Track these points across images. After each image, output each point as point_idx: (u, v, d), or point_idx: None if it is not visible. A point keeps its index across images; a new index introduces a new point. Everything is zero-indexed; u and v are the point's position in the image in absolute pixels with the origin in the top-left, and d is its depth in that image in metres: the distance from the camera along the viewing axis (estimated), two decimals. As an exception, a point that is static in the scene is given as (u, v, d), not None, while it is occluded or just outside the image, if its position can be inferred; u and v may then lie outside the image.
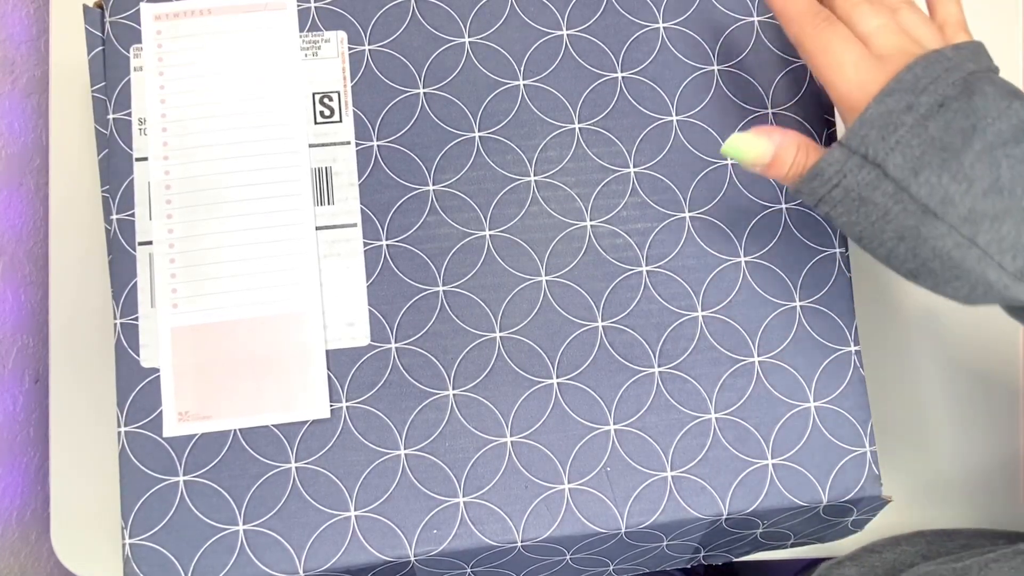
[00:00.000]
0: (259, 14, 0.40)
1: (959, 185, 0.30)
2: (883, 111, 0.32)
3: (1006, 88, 0.32)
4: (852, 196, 0.32)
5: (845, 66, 0.33)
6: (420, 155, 0.39)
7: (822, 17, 0.34)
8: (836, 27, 0.34)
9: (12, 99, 0.45)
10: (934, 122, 0.31)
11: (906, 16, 0.35)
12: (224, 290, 0.38)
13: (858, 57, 0.33)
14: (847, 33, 0.34)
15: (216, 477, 0.37)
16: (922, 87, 0.31)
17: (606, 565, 0.41)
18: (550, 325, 0.39)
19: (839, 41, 0.34)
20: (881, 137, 0.31)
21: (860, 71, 0.33)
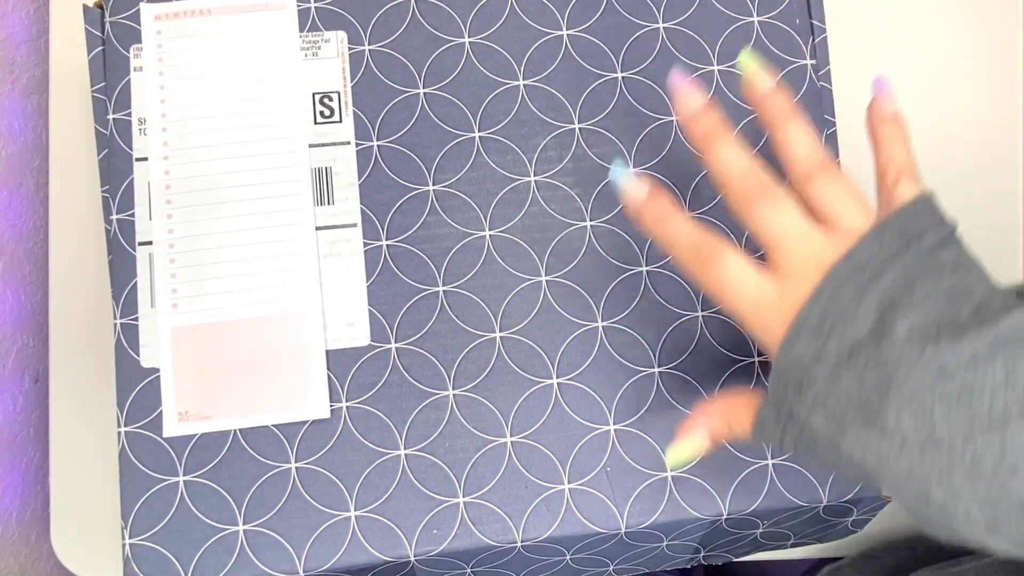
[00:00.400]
0: (259, 14, 0.40)
1: (890, 444, 0.27)
2: (792, 362, 0.28)
3: (926, 316, 0.27)
4: (801, 440, 0.29)
5: (745, 307, 0.30)
6: (420, 155, 0.40)
7: (707, 249, 0.31)
8: (724, 258, 0.30)
9: (12, 99, 0.45)
10: (847, 373, 0.27)
11: (823, 187, 0.31)
12: (224, 290, 0.38)
13: (756, 292, 0.30)
14: (737, 263, 0.30)
15: (216, 477, 0.37)
16: (828, 328, 0.28)
17: (606, 565, 0.41)
18: (550, 325, 0.39)
19: (732, 276, 0.30)
20: (797, 393, 0.28)
21: (761, 306, 0.30)
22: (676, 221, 0.32)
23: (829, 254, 0.29)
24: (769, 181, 0.31)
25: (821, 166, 0.31)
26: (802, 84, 0.41)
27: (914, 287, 0.28)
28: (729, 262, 0.30)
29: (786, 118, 0.32)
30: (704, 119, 0.32)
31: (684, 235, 0.31)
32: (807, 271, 0.29)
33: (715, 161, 0.32)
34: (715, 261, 0.30)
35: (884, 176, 0.32)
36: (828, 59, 0.42)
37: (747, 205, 0.31)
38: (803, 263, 0.29)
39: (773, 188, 0.31)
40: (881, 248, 0.29)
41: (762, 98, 0.32)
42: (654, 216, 0.32)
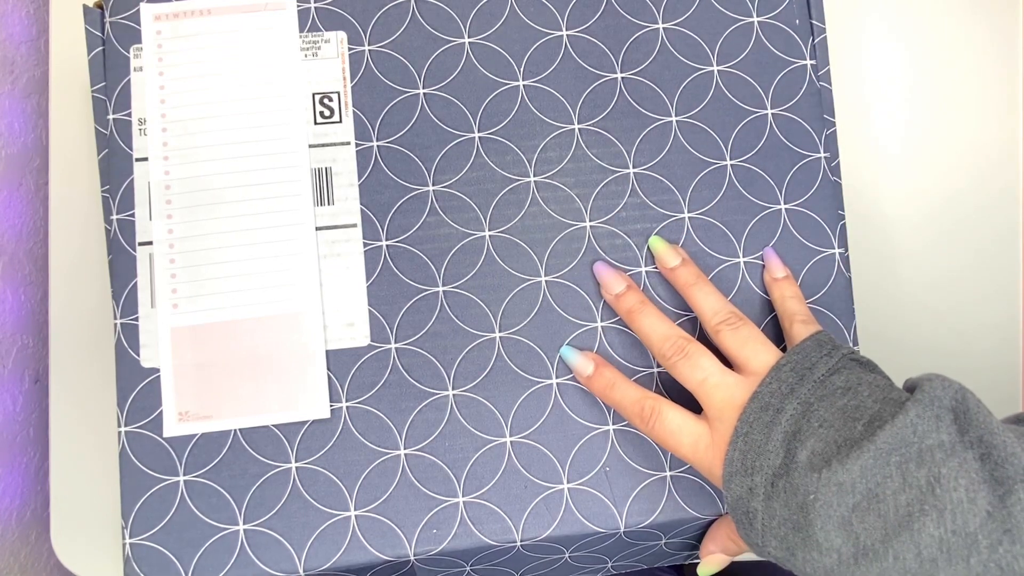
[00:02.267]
0: (259, 14, 0.40)
1: (830, 558, 0.30)
2: (735, 500, 0.33)
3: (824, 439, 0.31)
4: (775, 559, 0.33)
5: (687, 452, 0.35)
6: (420, 155, 0.40)
7: (648, 408, 0.36)
8: (663, 414, 0.35)
9: (12, 99, 0.45)
10: (776, 501, 0.31)
11: (728, 339, 0.36)
12: (224, 290, 0.38)
13: (694, 438, 0.35)
14: (674, 417, 0.35)
15: (216, 477, 0.37)
16: (751, 465, 0.32)
17: (604, 562, 0.41)
18: (550, 325, 0.39)
19: (671, 428, 0.35)
20: (749, 525, 0.33)
21: (699, 451, 0.35)
22: (620, 387, 0.37)
23: (741, 395, 0.34)
24: (685, 341, 0.36)
25: (726, 321, 0.36)
26: (802, 84, 0.41)
27: (811, 415, 0.32)
28: (667, 417, 0.35)
29: (694, 284, 0.37)
30: (626, 298, 0.38)
31: (628, 398, 0.36)
32: (727, 413, 0.34)
33: (640, 329, 0.37)
34: (656, 418, 0.36)
35: (782, 323, 0.38)
36: (828, 59, 0.42)
37: (671, 363, 0.36)
38: (722, 406, 0.34)
39: (690, 347, 0.36)
40: (780, 385, 0.33)
41: (672, 271, 0.38)
42: (602, 385, 0.37)
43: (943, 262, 0.48)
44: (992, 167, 0.48)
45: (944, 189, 0.48)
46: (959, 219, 0.48)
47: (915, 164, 0.48)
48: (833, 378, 0.33)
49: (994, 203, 0.48)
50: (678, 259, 0.38)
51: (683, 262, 0.38)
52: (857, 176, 0.47)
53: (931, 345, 0.47)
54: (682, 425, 0.35)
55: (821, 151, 0.41)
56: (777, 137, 0.41)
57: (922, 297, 0.47)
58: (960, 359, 0.47)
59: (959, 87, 0.49)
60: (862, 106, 0.48)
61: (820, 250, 0.40)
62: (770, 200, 0.40)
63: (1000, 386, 0.48)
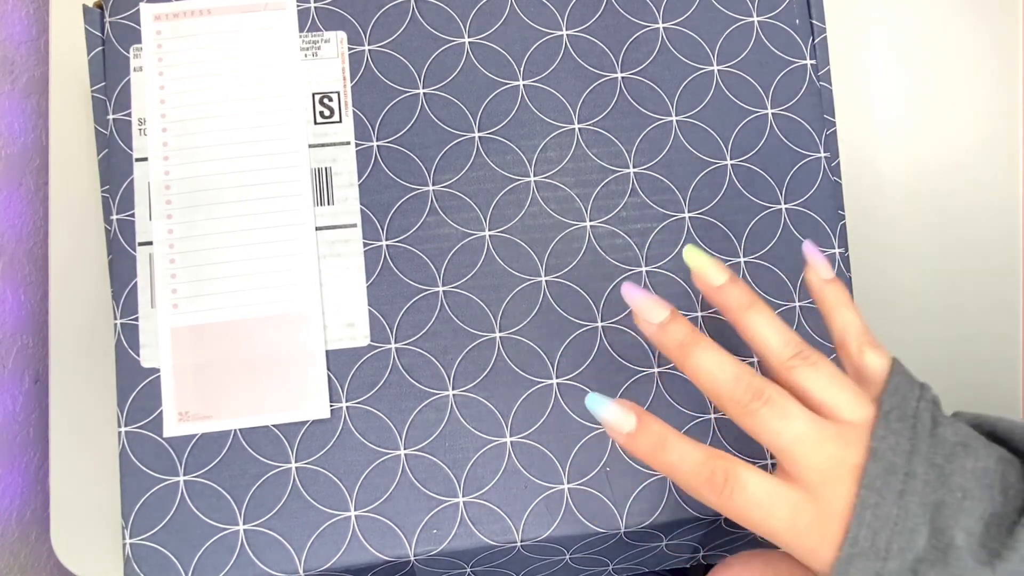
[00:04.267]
0: (259, 14, 0.40)
1: None
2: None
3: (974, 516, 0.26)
4: None
5: (781, 529, 0.27)
6: (420, 155, 0.40)
7: (721, 474, 0.28)
8: (743, 480, 0.28)
9: (12, 99, 0.45)
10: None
11: (809, 380, 0.29)
12: (224, 290, 0.38)
13: (791, 511, 0.27)
14: (758, 483, 0.28)
15: (216, 477, 0.37)
16: (884, 548, 0.26)
17: (605, 564, 0.41)
18: (550, 325, 0.39)
19: (757, 499, 0.28)
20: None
21: (799, 527, 0.27)
22: (676, 447, 0.29)
23: (851, 455, 0.27)
24: (763, 383, 0.29)
25: (801, 354, 0.29)
26: (802, 84, 0.41)
27: (948, 481, 0.27)
28: (750, 484, 0.28)
29: (750, 308, 0.30)
30: (673, 330, 0.30)
31: (690, 461, 0.28)
32: (836, 478, 0.27)
33: (698, 371, 0.29)
34: (735, 486, 0.28)
35: (845, 346, 0.31)
36: (828, 59, 0.42)
37: (748, 413, 0.28)
38: (827, 470, 0.27)
39: (770, 391, 0.28)
40: (897, 440, 0.27)
41: (718, 291, 0.31)
42: (651, 445, 0.29)
43: (943, 262, 0.48)
44: (992, 167, 0.48)
45: (944, 188, 0.48)
46: (959, 219, 0.48)
47: (915, 164, 0.48)
48: (942, 431, 0.28)
49: (994, 203, 0.48)
50: (725, 275, 0.31)
51: (731, 279, 0.31)
52: (857, 176, 0.47)
53: (931, 345, 0.47)
54: (772, 494, 0.28)
55: (821, 151, 0.41)
56: (777, 137, 0.41)
57: (922, 297, 0.47)
58: (960, 359, 0.47)
59: (959, 87, 0.49)
60: (862, 106, 0.48)
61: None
62: (770, 200, 0.40)
63: (1000, 386, 0.48)
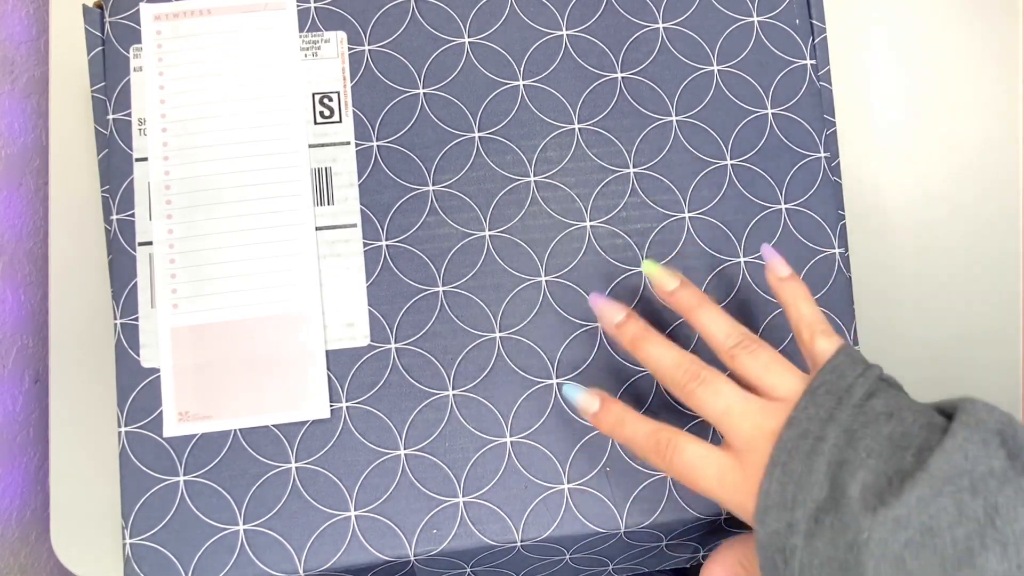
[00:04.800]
0: (259, 14, 0.40)
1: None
2: (769, 535, 0.30)
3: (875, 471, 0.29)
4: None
5: (712, 486, 0.32)
6: (420, 155, 0.40)
7: (664, 441, 0.33)
8: (682, 446, 0.32)
9: (12, 99, 0.45)
10: (819, 540, 0.29)
11: (748, 364, 0.33)
12: (224, 290, 0.38)
13: (719, 471, 0.32)
14: (695, 449, 0.32)
15: (216, 477, 0.37)
16: (791, 499, 0.29)
17: (605, 565, 0.41)
18: (550, 325, 0.39)
19: (693, 461, 0.32)
20: (785, 562, 0.29)
21: (726, 484, 0.32)
22: (630, 423, 0.34)
23: (772, 422, 0.31)
24: (699, 367, 0.33)
25: (741, 344, 0.34)
26: (802, 84, 0.41)
27: (856, 444, 0.30)
28: (687, 449, 0.32)
29: (698, 307, 0.35)
30: (627, 327, 0.35)
31: (641, 433, 0.34)
32: (757, 442, 0.31)
33: (648, 359, 0.35)
34: (674, 451, 0.33)
35: (800, 334, 0.35)
36: (828, 59, 0.42)
37: (686, 393, 0.33)
38: (751, 436, 0.32)
39: (705, 372, 0.33)
40: (817, 410, 0.31)
41: (670, 295, 0.36)
42: (611, 423, 0.35)
43: (943, 262, 0.48)
44: (992, 167, 0.48)
45: (944, 189, 0.48)
46: (959, 219, 0.48)
47: (915, 164, 0.48)
48: (872, 402, 0.31)
49: (994, 203, 0.48)
50: (676, 281, 0.36)
51: (682, 284, 0.36)
52: (857, 176, 0.47)
53: (931, 345, 0.47)
54: (705, 457, 0.32)
55: (821, 151, 0.41)
56: (777, 137, 0.41)
57: (922, 297, 0.47)
58: (960, 359, 0.47)
59: (959, 87, 0.49)
60: (862, 106, 0.48)
61: (820, 250, 0.40)
62: (770, 200, 0.40)
63: (1000, 386, 0.48)
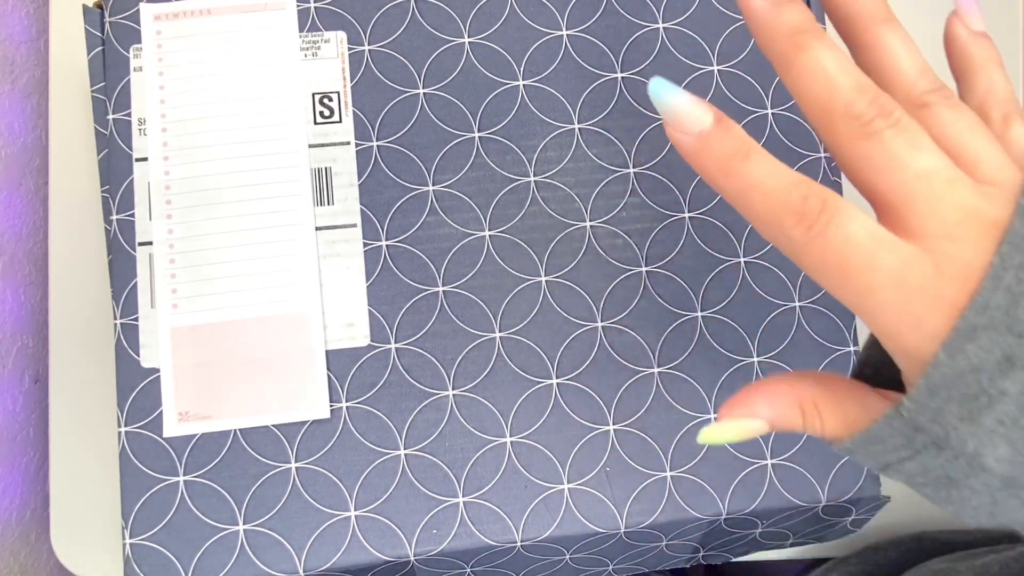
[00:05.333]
0: (259, 14, 0.40)
1: None
2: (963, 369, 0.20)
3: None
4: (950, 475, 0.21)
5: (882, 286, 0.21)
6: (420, 155, 0.40)
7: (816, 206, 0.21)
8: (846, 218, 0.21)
9: (12, 99, 0.45)
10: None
11: (948, 122, 0.22)
12: (224, 290, 0.38)
13: (899, 263, 0.21)
14: (864, 224, 0.21)
15: (216, 477, 0.37)
16: (1020, 319, 0.19)
17: (605, 565, 0.41)
18: (550, 325, 0.39)
19: (859, 242, 0.21)
20: (969, 416, 0.20)
21: (906, 288, 0.20)
22: (759, 160, 0.22)
23: (992, 209, 0.21)
24: (892, 103, 0.22)
25: (940, 92, 0.23)
26: (802, 84, 0.41)
27: None
28: (853, 220, 0.21)
29: (885, 23, 0.23)
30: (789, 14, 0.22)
31: (776, 180, 0.22)
32: (968, 233, 0.20)
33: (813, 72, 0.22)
34: (831, 218, 0.21)
35: (986, 112, 0.24)
36: (828, 59, 0.42)
37: (865, 137, 0.21)
38: (958, 222, 0.21)
39: (900, 113, 0.21)
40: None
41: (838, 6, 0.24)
42: (728, 152, 0.22)
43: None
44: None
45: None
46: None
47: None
48: None
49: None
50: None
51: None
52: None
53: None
54: (878, 236, 0.21)
55: (821, 151, 0.41)
56: (777, 137, 0.41)
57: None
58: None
59: (959, 87, 0.49)
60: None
61: None
62: (770, 200, 0.40)
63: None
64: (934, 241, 0.21)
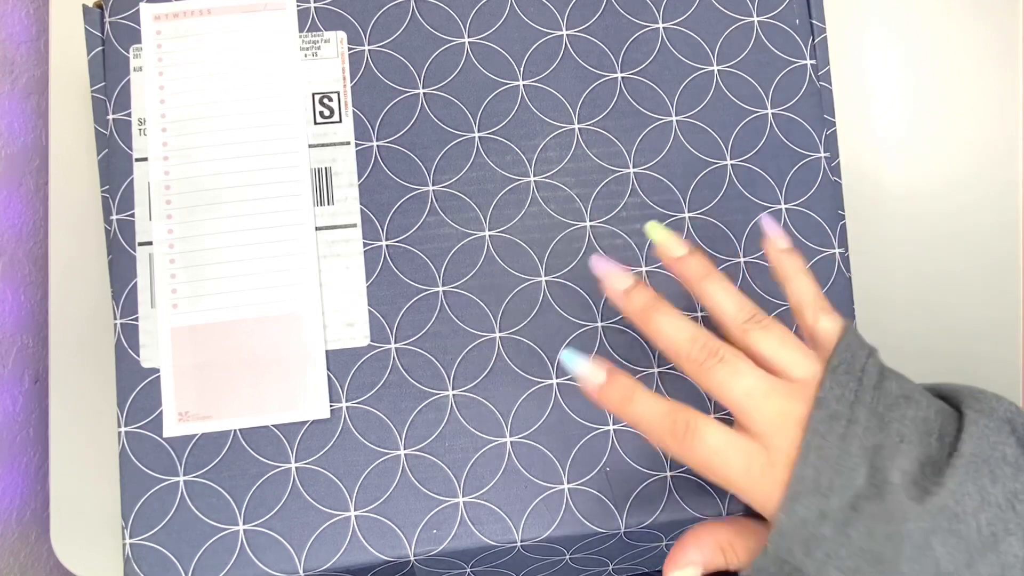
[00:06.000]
0: (259, 14, 0.40)
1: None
2: (796, 523, 0.28)
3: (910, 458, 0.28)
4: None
5: (736, 476, 0.29)
6: (420, 155, 0.40)
7: (681, 425, 0.30)
8: (703, 431, 0.30)
9: (12, 99, 0.45)
10: (854, 530, 0.27)
11: (761, 342, 0.31)
12: (224, 290, 0.38)
13: (745, 459, 0.29)
14: (717, 434, 0.30)
15: (216, 477, 0.37)
16: (827, 485, 0.28)
17: (605, 565, 0.41)
18: (550, 325, 0.39)
19: (715, 448, 0.29)
20: (806, 553, 0.28)
21: (752, 472, 0.29)
22: (642, 400, 0.31)
23: (798, 407, 0.29)
24: (717, 344, 0.31)
25: (754, 318, 0.32)
26: (802, 84, 0.41)
27: (888, 428, 0.29)
28: (709, 434, 0.30)
29: (707, 277, 0.33)
30: (636, 296, 0.32)
31: (654, 413, 0.31)
32: (784, 428, 0.29)
33: (658, 334, 0.32)
34: (695, 435, 0.30)
35: (801, 312, 0.33)
36: (828, 59, 0.42)
37: (703, 371, 0.30)
38: (777, 421, 0.29)
39: (723, 350, 0.30)
40: (842, 392, 0.29)
41: (679, 262, 0.33)
42: (618, 398, 0.31)
43: (943, 262, 0.48)
44: (992, 167, 0.48)
45: (944, 189, 0.48)
46: (959, 219, 0.48)
47: (915, 164, 0.48)
48: (887, 384, 0.30)
49: (994, 203, 0.48)
50: (685, 248, 0.33)
51: (691, 251, 0.33)
52: (857, 176, 0.47)
53: (931, 345, 0.47)
54: (730, 443, 0.29)
55: (821, 151, 0.41)
56: (777, 137, 0.41)
57: (922, 297, 0.47)
58: (960, 359, 0.47)
59: (959, 87, 0.49)
60: (862, 106, 0.48)
61: (820, 250, 0.40)
62: (770, 200, 0.40)
63: (1000, 386, 0.48)
64: (766, 438, 0.29)
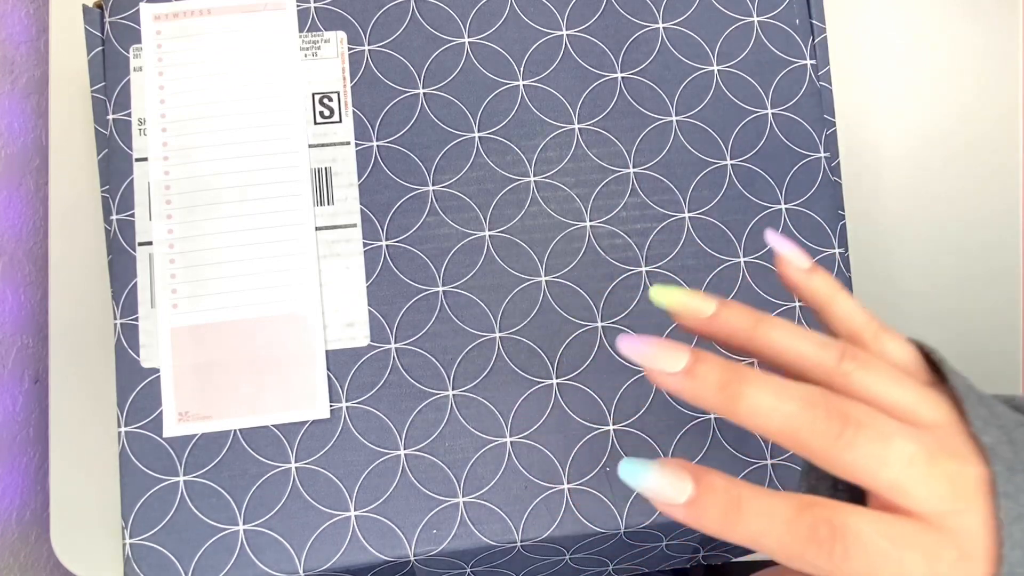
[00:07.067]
0: (259, 14, 0.40)
1: None
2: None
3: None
4: None
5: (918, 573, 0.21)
6: (420, 155, 0.40)
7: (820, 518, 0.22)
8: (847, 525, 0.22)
9: (12, 99, 0.45)
10: None
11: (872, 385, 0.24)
12: (224, 290, 0.38)
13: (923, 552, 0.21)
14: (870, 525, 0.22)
15: (216, 477, 0.37)
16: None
17: (605, 565, 0.41)
18: (550, 325, 0.39)
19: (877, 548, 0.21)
20: None
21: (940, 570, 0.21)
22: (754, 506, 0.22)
23: (968, 467, 0.22)
24: (841, 401, 0.23)
25: (848, 357, 0.24)
26: (802, 84, 0.41)
27: None
28: (864, 533, 0.21)
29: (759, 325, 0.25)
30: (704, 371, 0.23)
31: (776, 522, 0.22)
32: (963, 498, 0.22)
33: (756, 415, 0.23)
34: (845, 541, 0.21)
35: (859, 339, 0.26)
36: (828, 59, 0.42)
37: (844, 450, 0.22)
38: (950, 492, 0.22)
39: (854, 410, 0.22)
40: (998, 432, 0.23)
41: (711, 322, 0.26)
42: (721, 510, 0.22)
43: (943, 262, 0.48)
44: (992, 167, 0.48)
45: (944, 189, 0.48)
46: (959, 219, 0.48)
47: (915, 164, 0.48)
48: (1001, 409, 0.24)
49: (994, 203, 0.48)
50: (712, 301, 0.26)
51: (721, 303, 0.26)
52: (857, 176, 0.47)
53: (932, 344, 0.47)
54: (896, 539, 0.22)
55: (821, 151, 0.41)
56: (777, 137, 0.41)
57: (922, 297, 0.47)
58: (961, 360, 0.47)
59: (959, 87, 0.49)
60: (862, 106, 0.48)
61: (820, 250, 0.40)
62: (770, 200, 0.40)
63: (1000, 386, 0.48)
64: (940, 518, 0.22)
